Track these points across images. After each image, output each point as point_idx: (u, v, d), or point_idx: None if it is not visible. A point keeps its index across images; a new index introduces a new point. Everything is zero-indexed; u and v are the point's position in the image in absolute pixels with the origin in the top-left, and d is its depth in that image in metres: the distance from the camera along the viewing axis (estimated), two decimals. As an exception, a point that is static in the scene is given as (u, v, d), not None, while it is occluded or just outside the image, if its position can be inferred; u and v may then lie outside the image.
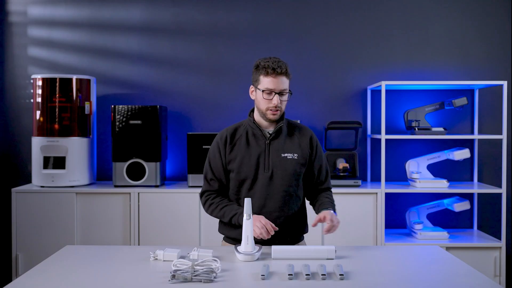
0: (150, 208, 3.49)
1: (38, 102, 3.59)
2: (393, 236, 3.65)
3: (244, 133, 2.28)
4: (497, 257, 3.47)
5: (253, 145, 2.24)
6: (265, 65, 2.17)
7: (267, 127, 2.27)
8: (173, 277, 1.75)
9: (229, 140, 2.26)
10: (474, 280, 1.79)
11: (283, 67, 2.17)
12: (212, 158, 2.28)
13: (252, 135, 2.26)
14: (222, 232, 2.33)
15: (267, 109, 2.20)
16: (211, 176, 2.28)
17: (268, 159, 2.22)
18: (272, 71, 2.16)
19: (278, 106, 2.18)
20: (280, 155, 2.23)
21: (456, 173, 3.90)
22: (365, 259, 2.04)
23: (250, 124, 2.27)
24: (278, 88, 2.17)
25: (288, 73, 2.19)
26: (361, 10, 3.92)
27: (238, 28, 3.93)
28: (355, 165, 3.69)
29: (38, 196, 3.49)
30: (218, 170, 2.27)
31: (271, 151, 2.23)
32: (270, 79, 2.16)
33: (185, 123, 3.93)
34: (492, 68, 3.88)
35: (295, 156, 2.24)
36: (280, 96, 2.18)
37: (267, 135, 2.25)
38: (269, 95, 2.18)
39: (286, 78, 2.19)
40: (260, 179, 2.22)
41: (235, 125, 2.33)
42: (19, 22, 3.97)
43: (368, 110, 3.88)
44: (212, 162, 2.28)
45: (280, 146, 2.24)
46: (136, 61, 3.94)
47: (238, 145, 2.25)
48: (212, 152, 2.29)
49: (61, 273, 1.86)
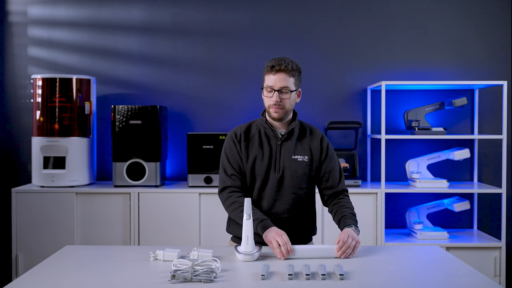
0: (150, 208, 3.49)
1: (38, 102, 3.59)
2: (393, 236, 3.65)
3: (257, 132, 2.26)
4: (497, 257, 3.47)
5: (266, 145, 2.24)
6: (267, 64, 2.19)
7: (279, 127, 2.26)
8: (173, 277, 1.75)
9: (244, 138, 2.25)
10: (474, 280, 1.79)
11: (283, 64, 2.15)
12: (230, 153, 2.24)
13: (265, 134, 2.26)
14: (230, 232, 2.31)
15: (269, 107, 2.20)
16: (232, 172, 2.23)
17: (279, 161, 2.22)
18: (271, 69, 2.16)
19: (279, 103, 2.16)
20: (291, 157, 2.22)
21: (456, 173, 3.90)
22: (365, 259, 2.04)
23: (262, 124, 2.26)
24: (277, 85, 2.16)
25: (289, 70, 2.16)
26: (361, 10, 3.92)
27: (238, 28, 3.93)
28: (355, 165, 3.69)
29: (38, 196, 3.49)
30: (237, 164, 2.23)
31: (282, 152, 2.23)
32: (269, 77, 2.18)
33: (185, 123, 3.93)
34: (492, 68, 3.88)
35: (305, 158, 2.23)
36: (280, 93, 2.16)
37: (279, 136, 2.24)
38: (269, 93, 2.18)
39: (288, 76, 2.16)
40: (271, 180, 2.21)
41: (248, 124, 2.31)
42: (19, 22, 3.97)
43: (368, 110, 3.88)
44: (231, 157, 2.24)
45: (291, 147, 2.24)
46: (136, 61, 3.94)
47: (252, 144, 2.24)
48: (229, 148, 2.25)
49: (61, 273, 1.86)
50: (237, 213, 2.16)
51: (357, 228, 2.13)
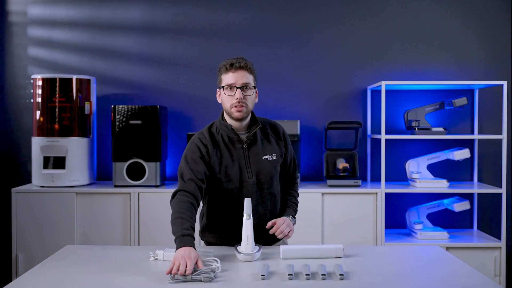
0: (150, 208, 3.49)
1: (38, 102, 3.59)
2: (393, 236, 3.65)
3: (220, 138, 2.16)
4: (497, 257, 3.47)
5: (233, 151, 2.16)
6: (223, 64, 2.13)
7: (240, 129, 2.17)
8: (173, 277, 1.75)
9: (211, 147, 2.13)
10: (474, 280, 1.79)
11: (243, 61, 2.11)
12: (192, 159, 2.10)
13: (229, 140, 2.16)
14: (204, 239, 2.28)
15: (231, 106, 2.09)
16: (190, 176, 2.06)
17: (249, 165, 2.16)
18: (231, 67, 2.10)
19: (242, 101, 2.09)
20: (261, 159, 2.18)
21: (456, 173, 3.90)
22: (365, 259, 2.04)
23: (223, 129, 2.15)
24: (239, 82, 2.09)
25: (249, 67, 2.12)
26: (361, 10, 3.92)
27: (238, 28, 3.93)
28: (355, 165, 3.69)
29: (38, 196, 3.49)
30: (199, 172, 2.08)
31: (250, 155, 2.17)
32: (229, 74, 2.10)
33: (185, 123, 3.93)
34: (492, 68, 3.88)
35: (274, 156, 2.21)
36: (243, 91, 2.10)
37: (243, 139, 2.17)
38: (231, 91, 2.10)
39: (248, 73, 2.11)
40: (246, 186, 2.15)
41: (207, 130, 2.18)
42: (19, 22, 3.97)
43: (368, 110, 3.88)
44: (192, 164, 2.09)
45: (258, 149, 2.18)
46: (136, 61, 3.94)
47: (218, 153, 2.14)
48: (192, 153, 2.11)
49: (61, 273, 1.86)
50: (172, 219, 1.97)
51: (294, 219, 2.26)
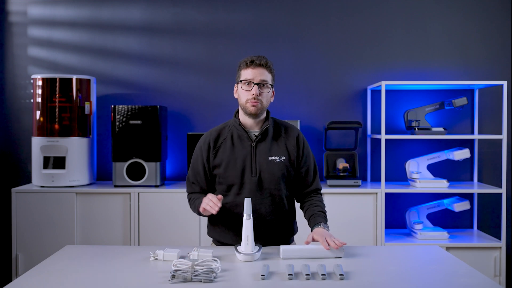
0: (150, 208, 3.49)
1: (38, 102, 3.59)
2: (393, 236, 3.65)
3: (229, 135, 2.22)
4: (497, 257, 3.47)
5: (239, 148, 2.19)
6: (244, 60, 2.18)
7: (253, 127, 2.21)
8: (173, 277, 1.75)
9: (212, 146, 2.21)
10: (474, 280, 1.79)
11: (263, 60, 2.15)
12: (195, 163, 2.26)
13: (238, 137, 2.21)
14: (211, 236, 2.32)
15: (247, 101, 2.14)
16: (193, 180, 2.27)
17: (255, 163, 2.17)
18: (251, 63, 2.15)
19: (258, 97, 2.13)
20: (267, 158, 2.17)
21: (456, 173, 3.90)
22: (365, 259, 2.04)
23: (235, 125, 2.21)
24: (257, 78, 2.13)
25: (268, 66, 2.16)
26: (361, 10, 3.92)
27: (238, 28, 3.93)
28: (355, 165, 3.69)
29: (38, 196, 3.49)
30: (199, 175, 2.24)
31: (257, 154, 2.18)
32: (248, 70, 2.15)
33: (185, 123, 3.93)
34: (492, 68, 3.88)
35: (283, 159, 2.19)
36: (260, 87, 2.14)
37: (253, 137, 2.20)
38: (248, 86, 2.14)
39: (267, 71, 2.16)
40: (248, 184, 2.16)
41: (220, 127, 2.27)
42: (19, 22, 3.97)
43: (368, 110, 3.88)
44: (194, 166, 2.26)
45: (266, 149, 2.19)
46: (136, 61, 3.94)
47: (223, 149, 2.20)
48: (195, 157, 2.26)
49: (61, 273, 1.86)
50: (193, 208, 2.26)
51: (327, 226, 2.14)
